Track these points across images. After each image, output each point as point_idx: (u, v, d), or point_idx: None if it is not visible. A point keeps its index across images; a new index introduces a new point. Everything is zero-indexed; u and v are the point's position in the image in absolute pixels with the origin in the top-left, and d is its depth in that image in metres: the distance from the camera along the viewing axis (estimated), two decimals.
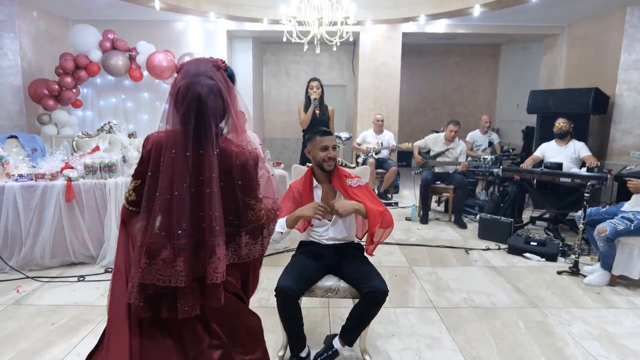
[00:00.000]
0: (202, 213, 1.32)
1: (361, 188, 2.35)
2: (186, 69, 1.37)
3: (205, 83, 1.32)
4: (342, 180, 2.33)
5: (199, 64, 1.38)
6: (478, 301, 3.14)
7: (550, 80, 7.27)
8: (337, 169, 2.36)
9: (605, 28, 5.88)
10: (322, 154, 2.29)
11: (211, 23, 6.96)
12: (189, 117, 1.31)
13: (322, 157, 2.29)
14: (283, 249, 4.12)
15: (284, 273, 2.22)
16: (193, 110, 1.31)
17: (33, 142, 4.29)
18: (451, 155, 5.31)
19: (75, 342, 2.52)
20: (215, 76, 1.35)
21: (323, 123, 4.94)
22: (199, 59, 1.42)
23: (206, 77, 1.33)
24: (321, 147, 2.29)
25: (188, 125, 1.31)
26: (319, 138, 2.30)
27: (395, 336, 2.64)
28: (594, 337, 2.66)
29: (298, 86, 9.61)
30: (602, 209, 3.71)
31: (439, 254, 4.17)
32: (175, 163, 1.30)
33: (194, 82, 1.31)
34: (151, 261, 1.28)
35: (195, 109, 1.31)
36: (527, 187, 4.80)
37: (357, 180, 2.37)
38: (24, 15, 5.61)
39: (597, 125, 5.89)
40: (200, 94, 1.31)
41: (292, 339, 2.22)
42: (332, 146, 2.30)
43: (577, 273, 3.61)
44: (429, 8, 6.28)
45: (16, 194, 3.44)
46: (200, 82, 1.32)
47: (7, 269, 3.48)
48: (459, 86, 9.95)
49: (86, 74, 5.53)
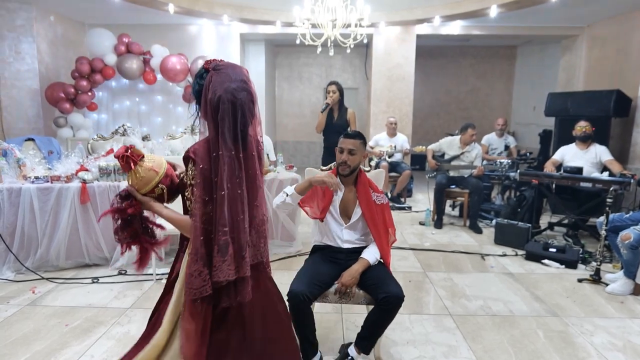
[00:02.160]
0: (253, 206, 1.47)
1: (382, 206, 2.33)
2: (225, 73, 1.42)
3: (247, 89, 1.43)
4: (366, 190, 2.31)
5: (236, 70, 1.45)
6: (495, 309, 3.06)
7: (569, 82, 7.13)
8: (364, 176, 2.36)
9: (628, 28, 5.74)
10: (338, 155, 2.30)
11: (224, 26, 6.99)
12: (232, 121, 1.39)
13: (337, 159, 2.31)
14: (295, 253, 4.10)
15: (296, 277, 2.19)
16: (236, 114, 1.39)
17: (49, 144, 4.34)
18: (466, 158, 5.22)
19: (88, 344, 2.51)
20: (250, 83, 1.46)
21: (339, 126, 4.87)
22: (232, 65, 1.47)
23: (245, 84, 1.43)
24: (338, 149, 2.30)
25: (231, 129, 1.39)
26: (341, 139, 2.32)
27: (410, 344, 2.58)
28: (617, 348, 2.56)
29: (311, 89, 9.61)
30: (625, 215, 3.60)
31: (454, 259, 4.09)
32: (229, 163, 1.38)
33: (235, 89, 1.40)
34: (224, 258, 1.37)
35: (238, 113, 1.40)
36: (546, 192, 4.69)
37: (380, 197, 2.34)
38: (41, 20, 5.70)
39: (619, 129, 5.75)
40: (242, 101, 1.40)
41: (303, 344, 2.17)
42: (348, 149, 2.26)
43: (599, 281, 3.50)
44: (444, 9, 6.21)
45: (32, 195, 3.48)
46: (244, 88, 1.42)
47: (23, 270, 3.52)
48: (474, 89, 9.84)
49: (101, 77, 5.59)
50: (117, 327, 2.72)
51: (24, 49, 5.54)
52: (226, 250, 1.37)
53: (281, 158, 4.76)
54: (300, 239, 4.23)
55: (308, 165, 4.55)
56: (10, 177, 3.63)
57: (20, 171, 3.68)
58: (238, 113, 1.39)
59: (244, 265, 1.40)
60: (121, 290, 3.27)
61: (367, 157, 2.42)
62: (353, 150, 2.26)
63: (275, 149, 5.29)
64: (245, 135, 1.43)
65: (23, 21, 5.50)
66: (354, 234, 2.35)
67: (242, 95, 1.40)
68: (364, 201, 2.28)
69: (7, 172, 3.64)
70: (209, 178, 1.39)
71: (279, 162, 4.63)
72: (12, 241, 3.49)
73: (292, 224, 4.14)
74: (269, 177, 4.04)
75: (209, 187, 1.39)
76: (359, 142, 2.28)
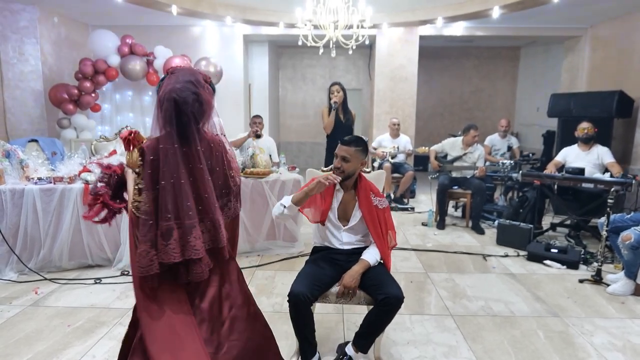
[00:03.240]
0: (201, 196, 1.59)
1: (384, 210, 2.32)
2: (174, 77, 1.61)
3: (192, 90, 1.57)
4: (367, 194, 2.30)
5: (187, 73, 1.63)
6: (496, 309, 3.05)
7: (572, 83, 7.11)
8: (364, 181, 2.36)
9: (630, 29, 5.73)
10: (334, 160, 2.30)
11: (227, 27, 7.01)
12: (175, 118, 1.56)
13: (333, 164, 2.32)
14: (297, 253, 4.10)
15: (297, 278, 2.19)
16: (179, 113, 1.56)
17: (53, 145, 4.38)
18: (469, 159, 5.21)
19: (90, 345, 2.53)
20: (201, 86, 1.61)
21: (347, 127, 4.90)
22: (187, 69, 1.69)
23: (193, 85, 1.58)
24: (334, 154, 2.30)
25: (174, 125, 1.57)
26: (338, 145, 2.30)
27: (410, 344, 2.58)
28: (617, 348, 2.56)
29: (314, 90, 9.62)
30: (626, 216, 3.59)
31: (456, 260, 4.09)
32: (171, 156, 1.56)
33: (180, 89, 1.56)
34: (167, 242, 1.52)
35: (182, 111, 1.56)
36: (548, 193, 4.68)
37: (382, 201, 2.33)
38: (45, 21, 5.74)
39: (621, 130, 5.73)
40: (186, 100, 1.56)
41: (303, 345, 2.19)
42: (341, 157, 2.25)
43: (600, 282, 3.50)
44: (446, 10, 6.20)
45: (35, 196, 3.50)
46: (189, 89, 1.57)
47: (26, 270, 3.54)
48: (477, 89, 9.82)
49: (105, 79, 5.61)
50: (119, 328, 2.73)
51: (28, 50, 5.58)
52: (170, 235, 1.52)
53: (284, 159, 4.77)
54: (303, 240, 4.24)
55: (312, 166, 4.54)
56: (13, 178, 3.66)
57: (23, 172, 3.70)
58: (180, 110, 1.55)
59: (190, 248, 1.53)
60: (123, 291, 3.29)
61: (364, 164, 2.40)
62: (347, 158, 2.23)
63: (279, 149, 5.30)
64: (189, 131, 1.58)
65: (27, 22, 5.53)
66: (353, 236, 2.36)
67: (184, 94, 1.55)
68: (364, 204, 2.28)
69: (10, 173, 3.67)
70: (157, 168, 1.56)
71: (281, 164, 4.64)
72: (15, 242, 3.52)
73: (294, 224, 4.15)
74: (271, 178, 4.05)
75: (155, 177, 1.56)
76: (353, 150, 2.24)
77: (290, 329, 2.18)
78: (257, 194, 4.01)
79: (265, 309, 2.85)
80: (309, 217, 2.34)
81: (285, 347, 2.38)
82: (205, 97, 1.61)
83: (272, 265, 3.85)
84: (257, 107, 8.14)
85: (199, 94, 1.58)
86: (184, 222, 1.54)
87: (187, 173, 1.57)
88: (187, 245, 1.53)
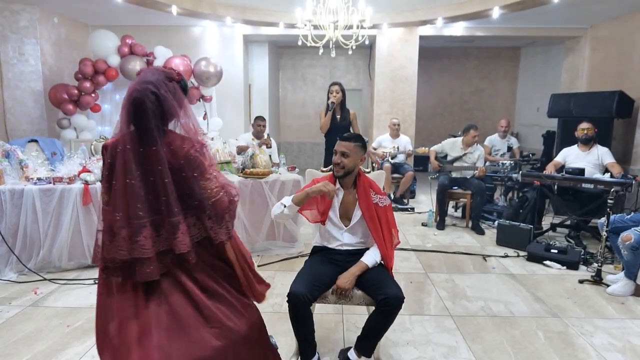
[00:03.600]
0: (159, 198, 1.55)
1: (385, 208, 2.30)
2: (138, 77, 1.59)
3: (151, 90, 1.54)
4: (366, 191, 2.29)
5: (149, 73, 1.60)
6: (496, 310, 3.05)
7: (572, 83, 7.11)
8: (364, 178, 2.35)
9: (631, 30, 5.72)
10: (333, 157, 2.30)
11: (228, 27, 7.01)
12: (133, 118, 1.55)
13: (332, 160, 2.31)
14: (297, 254, 4.10)
15: (296, 278, 2.19)
16: (137, 113, 1.53)
17: (53, 146, 4.37)
18: (469, 160, 5.21)
19: (89, 345, 2.53)
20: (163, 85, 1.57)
21: (343, 127, 4.89)
22: (153, 69, 1.67)
23: (152, 85, 1.54)
24: (334, 151, 2.30)
25: (133, 126, 1.56)
26: (338, 141, 2.31)
27: (410, 344, 2.58)
28: (617, 349, 2.55)
29: (314, 90, 9.62)
30: (626, 217, 3.58)
31: (456, 260, 4.08)
32: (124, 156, 1.54)
33: (138, 90, 1.54)
34: (112, 239, 1.54)
35: (139, 112, 1.53)
36: (548, 193, 4.68)
37: (382, 199, 2.32)
38: (45, 22, 5.74)
39: (621, 130, 5.72)
40: (143, 100, 1.52)
41: (303, 345, 2.18)
42: (341, 152, 2.26)
43: (600, 282, 3.49)
44: (447, 11, 6.20)
45: (35, 197, 3.50)
46: (147, 89, 1.53)
47: (25, 271, 3.54)
48: (477, 90, 9.82)
49: (105, 79, 5.61)
50: None
51: (28, 51, 5.58)
52: (117, 233, 1.53)
53: (283, 159, 4.77)
54: (302, 240, 4.23)
55: (312, 166, 4.55)
56: (12, 178, 3.66)
57: (22, 172, 3.70)
58: (137, 110, 1.53)
59: (138, 248, 1.52)
60: None
61: (363, 160, 2.39)
62: (346, 153, 2.25)
63: (279, 150, 5.31)
64: (149, 132, 1.53)
65: (27, 22, 5.53)
66: (354, 237, 2.36)
67: (142, 94, 1.53)
68: (364, 203, 2.27)
69: (10, 173, 3.67)
70: (112, 170, 1.57)
71: (281, 164, 4.64)
72: (15, 242, 3.51)
73: (294, 225, 4.15)
74: (271, 179, 4.05)
75: (111, 177, 1.57)
76: (352, 145, 2.26)
77: (290, 329, 2.18)
78: (257, 194, 4.01)
79: (265, 309, 2.84)
80: (309, 217, 2.34)
81: (284, 346, 2.38)
82: (166, 96, 1.56)
83: (271, 266, 3.85)
84: (257, 108, 8.14)
85: (159, 94, 1.55)
86: (134, 222, 1.53)
87: (142, 174, 1.54)
88: (136, 244, 1.53)
